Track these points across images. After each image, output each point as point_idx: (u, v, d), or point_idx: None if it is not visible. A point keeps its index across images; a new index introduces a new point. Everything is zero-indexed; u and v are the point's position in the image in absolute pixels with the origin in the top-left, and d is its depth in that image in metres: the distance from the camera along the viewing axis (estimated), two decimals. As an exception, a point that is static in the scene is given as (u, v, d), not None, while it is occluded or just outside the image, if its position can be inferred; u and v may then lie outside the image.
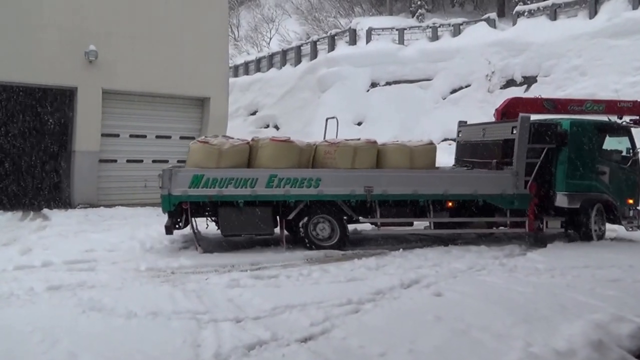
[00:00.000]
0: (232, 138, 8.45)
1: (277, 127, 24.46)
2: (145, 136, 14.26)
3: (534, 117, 9.15)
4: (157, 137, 14.39)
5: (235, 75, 30.89)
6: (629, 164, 9.36)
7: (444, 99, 22.10)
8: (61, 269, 6.75)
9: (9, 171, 14.93)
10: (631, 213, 9.43)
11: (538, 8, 23.14)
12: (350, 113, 21.51)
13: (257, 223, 7.95)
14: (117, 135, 13.84)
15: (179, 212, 7.97)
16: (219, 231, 8.24)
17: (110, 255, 7.64)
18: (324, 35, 28.58)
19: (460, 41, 23.53)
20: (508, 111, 9.53)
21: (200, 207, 8.04)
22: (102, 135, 13.57)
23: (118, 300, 5.31)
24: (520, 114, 8.83)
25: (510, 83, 21.01)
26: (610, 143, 9.59)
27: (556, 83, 19.30)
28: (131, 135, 14.08)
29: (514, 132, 8.75)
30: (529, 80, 20.64)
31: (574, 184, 9.01)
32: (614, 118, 9.88)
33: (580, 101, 10.06)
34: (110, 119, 13.81)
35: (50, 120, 14.43)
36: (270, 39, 38.14)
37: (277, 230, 8.27)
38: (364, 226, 9.21)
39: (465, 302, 5.43)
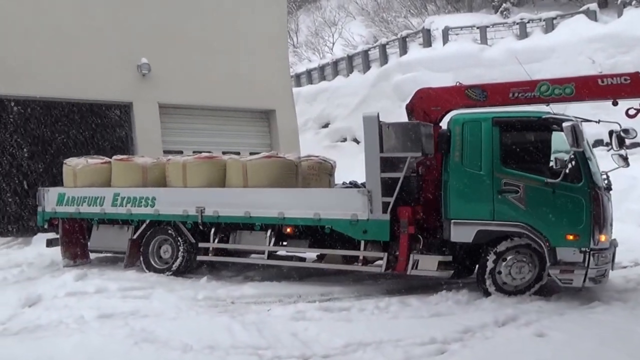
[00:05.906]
0: (101, 159, 9.63)
1: (356, 141, 24.13)
2: (210, 152, 14.71)
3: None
4: (224, 153, 14.81)
5: (298, 84, 31.40)
6: (560, 177, 6.49)
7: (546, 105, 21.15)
8: (115, 295, 7.03)
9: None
10: (575, 257, 6.46)
11: (650, -5, 21.89)
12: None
13: (115, 242, 8.86)
14: (181, 152, 14.34)
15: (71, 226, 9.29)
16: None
17: (169, 281, 7.92)
18: (394, 37, 28.48)
19: (555, 38, 22.61)
20: (415, 108, 7.60)
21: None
22: (164, 152, 14.12)
23: (172, 331, 5.42)
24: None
25: (620, 85, 19.85)
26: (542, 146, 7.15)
27: (677, 82, 18.01)
28: (195, 152, 14.54)
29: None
30: (644, 80, 19.40)
31: (462, 208, 6.93)
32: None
33: (531, 83, 7.25)
34: (171, 135, 14.45)
35: (111, 138, 15.21)
36: (333, 44, 38.53)
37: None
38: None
39: (575, 344, 5.13)
